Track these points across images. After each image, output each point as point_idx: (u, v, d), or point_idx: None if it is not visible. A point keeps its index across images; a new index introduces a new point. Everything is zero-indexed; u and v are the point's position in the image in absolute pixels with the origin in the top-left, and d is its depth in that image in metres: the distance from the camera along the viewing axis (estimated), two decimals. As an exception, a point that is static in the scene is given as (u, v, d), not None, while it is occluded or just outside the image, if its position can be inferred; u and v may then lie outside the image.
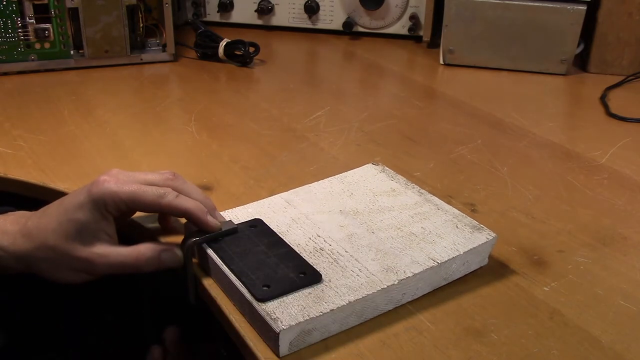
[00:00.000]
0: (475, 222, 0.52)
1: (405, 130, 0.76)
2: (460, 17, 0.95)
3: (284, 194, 0.56)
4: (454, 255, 0.48)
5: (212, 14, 1.13)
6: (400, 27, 1.08)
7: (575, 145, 0.73)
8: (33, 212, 0.50)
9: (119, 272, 0.48)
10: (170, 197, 0.47)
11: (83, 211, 0.47)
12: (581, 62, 0.98)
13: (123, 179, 0.48)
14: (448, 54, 0.98)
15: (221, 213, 0.53)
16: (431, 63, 1.00)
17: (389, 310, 0.46)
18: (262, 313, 0.42)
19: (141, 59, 0.95)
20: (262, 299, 0.43)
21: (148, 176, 0.49)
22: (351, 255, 0.48)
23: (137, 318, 0.75)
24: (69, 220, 0.47)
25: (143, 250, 0.48)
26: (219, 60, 0.97)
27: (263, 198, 0.56)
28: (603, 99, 0.86)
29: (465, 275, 0.50)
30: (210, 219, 0.49)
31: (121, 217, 0.50)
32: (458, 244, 0.49)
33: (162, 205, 0.47)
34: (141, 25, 0.94)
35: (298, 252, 0.48)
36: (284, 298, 0.43)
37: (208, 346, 0.63)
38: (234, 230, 0.50)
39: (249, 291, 0.44)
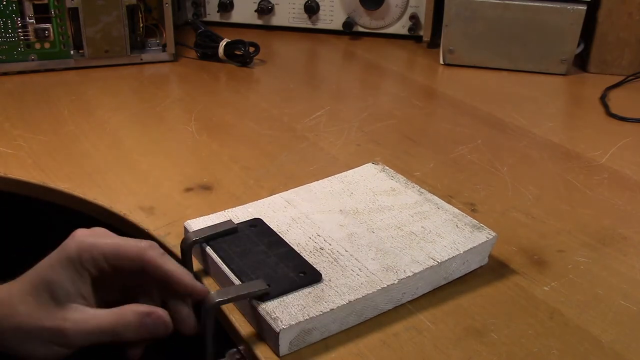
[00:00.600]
0: (475, 222, 0.52)
1: (405, 130, 0.76)
2: (460, 17, 0.95)
3: (284, 194, 0.56)
4: (454, 255, 0.48)
5: (212, 14, 1.13)
6: (400, 27, 1.08)
7: (575, 145, 0.73)
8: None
9: (96, 341, 0.42)
10: (156, 252, 0.42)
11: (55, 271, 0.41)
12: (581, 62, 0.98)
13: (101, 233, 0.43)
14: (448, 54, 0.98)
15: (221, 213, 0.53)
16: (431, 63, 1.00)
17: (389, 310, 0.46)
18: (262, 312, 0.42)
19: (141, 59, 0.95)
20: (262, 299, 0.43)
21: (128, 240, 0.44)
22: (351, 255, 0.48)
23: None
24: (40, 281, 0.41)
25: (124, 312, 0.42)
26: (219, 60, 0.97)
27: (263, 198, 0.56)
28: (603, 99, 0.86)
29: (465, 274, 0.50)
30: (197, 282, 0.44)
31: (99, 278, 0.43)
32: (458, 243, 0.49)
33: (145, 258, 0.42)
34: (141, 25, 0.94)
35: (298, 251, 0.48)
36: (284, 298, 0.43)
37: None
38: (234, 230, 0.50)
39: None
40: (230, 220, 0.51)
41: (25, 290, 0.41)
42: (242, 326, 0.44)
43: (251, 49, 0.96)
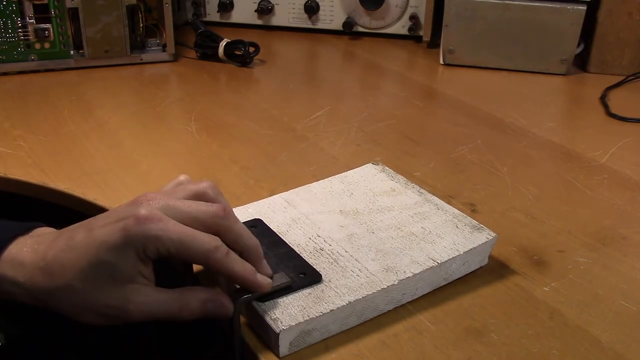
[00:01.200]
0: (475, 222, 0.52)
1: (405, 130, 0.76)
2: (460, 17, 0.95)
3: (284, 194, 0.56)
4: (454, 255, 0.48)
5: (212, 14, 1.13)
6: (400, 27, 1.08)
7: (575, 145, 0.73)
8: (56, 236, 0.42)
9: (156, 319, 0.42)
10: (221, 254, 0.40)
11: (117, 254, 0.39)
12: (581, 62, 0.98)
13: (167, 218, 0.40)
14: (448, 54, 0.98)
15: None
16: (431, 63, 1.00)
17: (389, 310, 0.46)
18: (262, 313, 0.42)
19: (141, 59, 0.95)
20: (262, 299, 0.43)
21: (192, 207, 0.41)
22: (351, 255, 0.48)
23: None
24: (99, 262, 0.39)
25: (188, 299, 0.42)
26: (219, 60, 0.97)
27: (263, 198, 0.56)
28: (603, 99, 0.86)
29: (465, 275, 0.50)
30: (260, 279, 0.42)
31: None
32: (458, 244, 0.49)
33: (210, 261, 0.40)
34: (141, 25, 0.94)
35: (298, 252, 0.48)
36: (284, 298, 0.43)
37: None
38: None
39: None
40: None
41: (82, 268, 0.40)
42: (242, 326, 0.44)
43: (251, 49, 0.96)
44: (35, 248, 0.42)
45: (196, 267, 0.49)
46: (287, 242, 0.49)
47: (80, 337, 0.75)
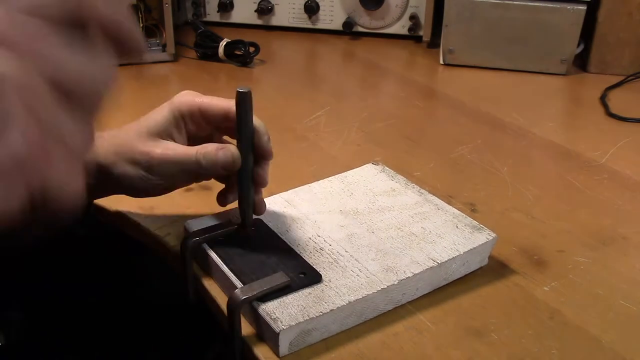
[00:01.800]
0: (475, 222, 0.52)
1: (405, 130, 0.76)
2: (460, 17, 0.95)
3: (284, 194, 0.56)
4: (454, 256, 0.48)
5: (212, 14, 1.13)
6: (400, 27, 1.08)
7: (575, 145, 0.73)
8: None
9: (178, 170, 0.48)
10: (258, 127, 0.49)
11: (160, 112, 0.50)
12: (581, 62, 0.98)
13: (201, 95, 0.51)
14: (448, 54, 0.98)
15: (221, 213, 0.53)
16: (431, 63, 1.00)
17: (389, 310, 0.46)
18: (262, 313, 0.42)
19: (141, 59, 0.95)
20: (262, 299, 0.43)
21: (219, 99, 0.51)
22: (351, 255, 0.48)
23: (137, 318, 0.75)
24: (146, 119, 0.50)
25: (205, 144, 0.48)
26: (219, 60, 0.97)
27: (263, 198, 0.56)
28: (603, 99, 0.86)
29: (465, 275, 0.50)
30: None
31: (194, 132, 0.51)
32: (458, 244, 0.49)
33: (230, 112, 0.48)
34: (141, 25, 0.94)
35: (298, 252, 0.48)
36: (284, 298, 0.43)
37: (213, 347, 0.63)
38: (234, 231, 0.50)
39: (249, 291, 0.44)
40: (230, 221, 0.51)
41: (136, 129, 0.49)
42: (242, 326, 0.44)
43: (251, 49, 0.96)
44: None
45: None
46: (287, 242, 0.49)
47: (81, 337, 0.75)
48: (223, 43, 0.96)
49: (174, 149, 0.48)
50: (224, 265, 0.47)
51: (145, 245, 0.56)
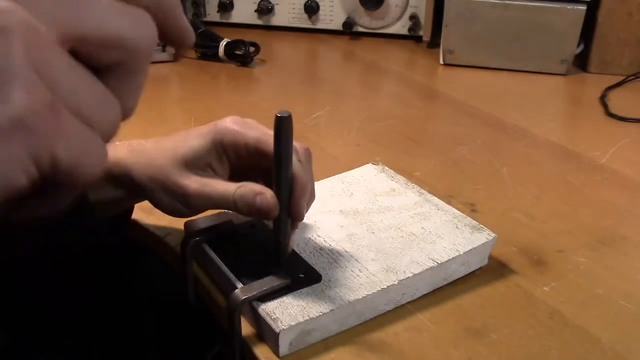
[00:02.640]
0: (475, 223, 0.52)
1: (405, 130, 0.76)
2: (460, 17, 0.95)
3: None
4: (453, 256, 0.48)
5: (212, 14, 1.13)
6: (400, 27, 1.08)
7: (575, 145, 0.73)
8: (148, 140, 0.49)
9: (212, 206, 0.46)
10: (295, 160, 0.44)
11: (200, 140, 0.46)
12: (581, 62, 0.98)
13: (251, 124, 0.46)
14: (448, 54, 0.98)
15: (221, 213, 0.53)
16: (431, 63, 1.00)
17: (389, 310, 0.46)
18: (262, 313, 0.42)
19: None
20: (262, 299, 0.43)
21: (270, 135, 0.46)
22: (351, 255, 0.48)
23: (137, 318, 0.75)
24: (184, 145, 0.46)
25: (243, 185, 0.45)
26: (219, 60, 0.97)
27: (263, 198, 0.56)
28: (603, 99, 0.86)
29: (465, 275, 0.50)
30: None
31: (238, 165, 0.47)
32: (458, 244, 0.49)
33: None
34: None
35: (298, 252, 0.48)
36: (284, 298, 0.43)
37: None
38: (234, 230, 0.50)
39: (249, 291, 0.44)
40: (230, 221, 0.51)
41: (171, 153, 0.46)
42: (243, 326, 0.44)
43: (251, 49, 0.96)
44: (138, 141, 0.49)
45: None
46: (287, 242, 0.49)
47: (81, 336, 0.75)
48: (223, 43, 0.96)
49: (212, 186, 0.45)
50: (224, 265, 0.47)
51: (145, 245, 0.56)
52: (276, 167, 0.43)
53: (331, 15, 1.09)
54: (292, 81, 0.93)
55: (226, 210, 0.53)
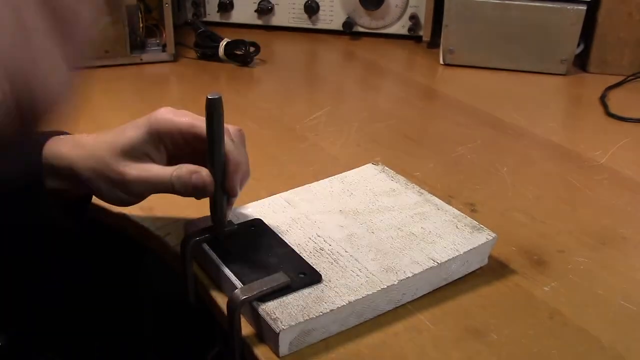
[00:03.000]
0: (475, 222, 0.52)
1: (405, 130, 0.76)
2: (460, 17, 0.95)
3: (284, 194, 0.56)
4: (453, 256, 0.48)
5: (212, 14, 1.13)
6: (400, 27, 1.08)
7: (575, 145, 0.73)
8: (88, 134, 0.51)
9: (151, 190, 0.49)
10: (228, 139, 0.46)
11: (136, 130, 0.48)
12: (581, 62, 0.98)
13: (181, 113, 0.49)
14: (448, 54, 0.98)
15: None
16: (431, 63, 1.00)
17: (389, 310, 0.46)
18: (262, 313, 0.42)
19: (141, 59, 0.95)
20: (262, 299, 0.43)
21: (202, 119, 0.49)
22: (351, 255, 0.48)
23: (137, 318, 0.75)
24: (122, 136, 0.48)
25: (179, 167, 0.47)
26: (219, 60, 0.97)
27: (263, 198, 0.56)
28: (603, 99, 0.86)
29: (465, 275, 0.50)
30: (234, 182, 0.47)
31: (174, 152, 0.49)
32: (458, 244, 0.49)
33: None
34: (141, 25, 0.94)
35: (298, 252, 0.48)
36: (284, 298, 0.43)
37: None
38: (234, 231, 0.50)
39: (249, 291, 0.44)
40: (230, 221, 0.51)
41: (110, 145, 0.48)
42: (242, 326, 0.44)
43: (251, 49, 0.96)
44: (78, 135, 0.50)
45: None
46: (287, 242, 0.49)
47: (81, 336, 0.75)
48: (223, 43, 0.96)
49: (148, 170, 0.48)
50: (224, 265, 0.47)
51: (145, 245, 0.56)
52: (209, 146, 0.45)
53: (331, 15, 1.09)
54: (292, 81, 0.93)
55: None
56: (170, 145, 0.49)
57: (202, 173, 0.46)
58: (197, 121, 0.48)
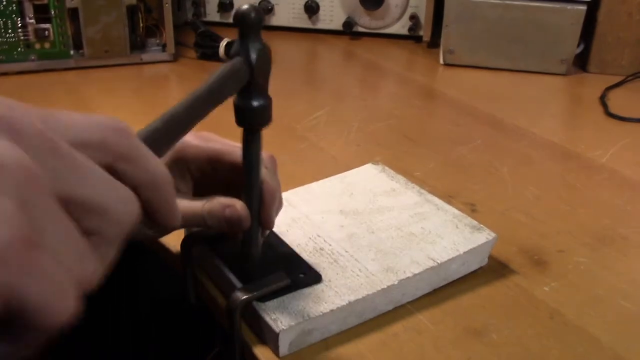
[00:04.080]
0: (475, 222, 0.52)
1: (405, 130, 0.76)
2: (460, 17, 0.95)
3: (284, 194, 0.56)
4: (453, 256, 0.48)
5: (212, 14, 1.13)
6: (400, 27, 1.08)
7: (575, 145, 0.73)
8: None
9: (182, 226, 0.46)
10: (262, 167, 0.42)
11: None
12: (581, 62, 0.98)
13: (207, 137, 0.45)
14: (448, 54, 0.98)
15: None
16: (431, 63, 1.00)
17: (389, 310, 0.46)
18: (262, 313, 0.42)
19: (141, 59, 0.95)
20: (262, 299, 0.43)
21: (231, 145, 0.46)
22: (351, 255, 0.48)
23: (136, 318, 0.75)
24: None
25: (211, 200, 0.44)
26: (219, 60, 0.97)
27: (263, 198, 0.56)
28: (603, 99, 0.86)
29: (465, 275, 0.50)
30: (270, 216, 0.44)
31: (201, 179, 0.46)
32: (458, 244, 0.49)
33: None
34: (141, 25, 0.94)
35: (298, 252, 0.48)
36: (284, 298, 0.43)
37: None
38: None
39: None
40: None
41: None
42: (242, 326, 0.44)
43: (251, 49, 0.96)
44: None
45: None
46: (287, 242, 0.49)
47: (80, 336, 0.75)
48: (223, 43, 0.96)
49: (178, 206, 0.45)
50: (224, 265, 0.47)
51: (145, 245, 0.56)
52: (246, 176, 0.42)
53: (331, 15, 1.09)
54: (292, 81, 0.93)
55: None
56: (196, 173, 0.46)
57: (237, 206, 0.43)
58: (226, 147, 0.45)
